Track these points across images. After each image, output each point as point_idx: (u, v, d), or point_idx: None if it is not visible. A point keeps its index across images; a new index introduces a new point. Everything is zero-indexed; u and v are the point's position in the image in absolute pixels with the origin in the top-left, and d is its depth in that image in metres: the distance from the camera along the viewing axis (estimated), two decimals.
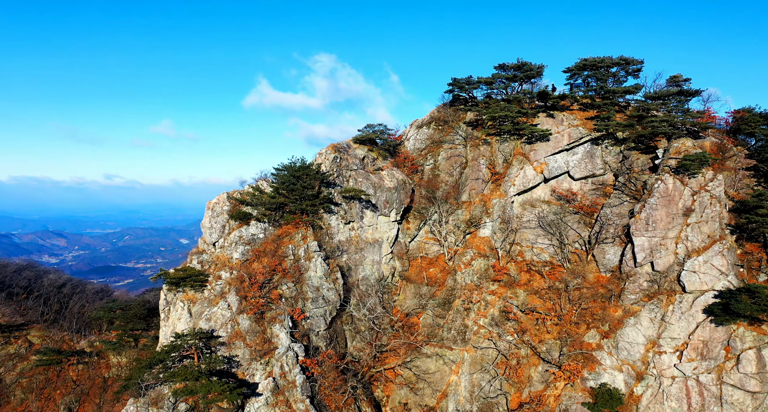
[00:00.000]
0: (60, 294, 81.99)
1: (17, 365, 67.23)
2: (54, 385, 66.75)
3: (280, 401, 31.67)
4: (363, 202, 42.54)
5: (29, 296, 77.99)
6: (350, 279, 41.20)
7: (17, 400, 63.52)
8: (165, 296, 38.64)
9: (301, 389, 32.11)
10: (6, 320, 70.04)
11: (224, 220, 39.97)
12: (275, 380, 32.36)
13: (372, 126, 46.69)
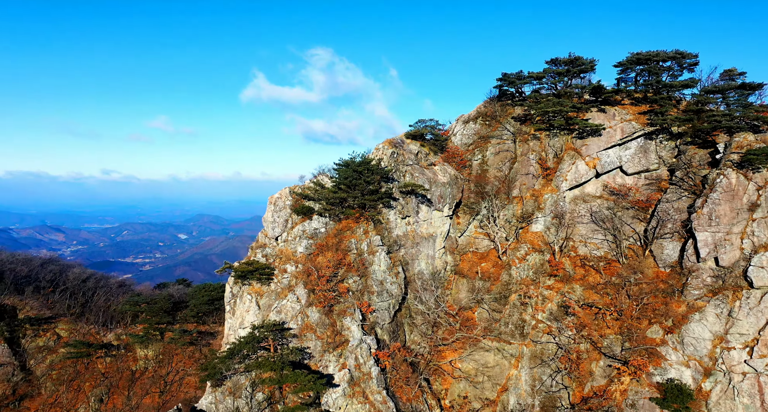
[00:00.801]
0: (84, 288, 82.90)
1: (47, 357, 68.40)
2: (83, 377, 67.98)
3: (356, 392, 32.45)
4: (419, 197, 43.19)
5: (55, 290, 78.88)
6: (408, 273, 41.94)
7: (48, 391, 64.66)
8: (231, 289, 39.42)
9: (376, 380, 32.89)
10: (35, 313, 71.18)
11: (287, 214, 40.60)
12: (350, 371, 33.09)
13: (423, 121, 47.34)
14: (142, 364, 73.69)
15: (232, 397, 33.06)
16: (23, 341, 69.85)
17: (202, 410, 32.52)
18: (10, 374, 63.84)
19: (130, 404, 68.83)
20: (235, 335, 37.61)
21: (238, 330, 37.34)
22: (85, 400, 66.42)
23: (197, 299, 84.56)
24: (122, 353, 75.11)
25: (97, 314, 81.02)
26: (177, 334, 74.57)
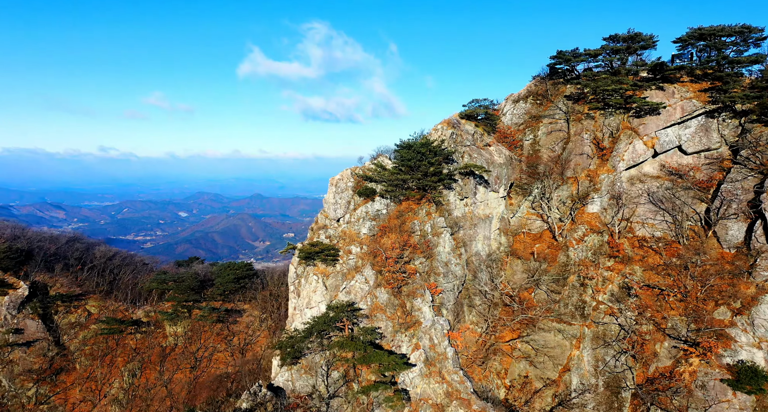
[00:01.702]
0: (111, 265, 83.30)
1: (78, 333, 69.34)
2: (115, 352, 69.00)
3: (432, 372, 32.72)
4: (476, 177, 42.80)
5: (83, 267, 79.19)
6: (466, 254, 41.79)
7: (82, 366, 65.71)
8: (295, 270, 39.39)
9: (452, 361, 33.15)
10: (65, 290, 71.90)
11: (348, 196, 40.27)
12: (425, 352, 33.25)
13: (478, 101, 46.53)
14: (171, 340, 74.92)
15: (309, 374, 33.30)
16: (56, 317, 70.51)
17: (279, 387, 32.75)
18: (46, 349, 64.79)
19: (163, 379, 70.22)
20: (301, 315, 37.72)
21: (305, 310, 37.45)
22: (118, 375, 67.70)
23: (223, 278, 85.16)
24: (152, 330, 76.12)
25: (125, 291, 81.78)
26: (206, 311, 75.56)
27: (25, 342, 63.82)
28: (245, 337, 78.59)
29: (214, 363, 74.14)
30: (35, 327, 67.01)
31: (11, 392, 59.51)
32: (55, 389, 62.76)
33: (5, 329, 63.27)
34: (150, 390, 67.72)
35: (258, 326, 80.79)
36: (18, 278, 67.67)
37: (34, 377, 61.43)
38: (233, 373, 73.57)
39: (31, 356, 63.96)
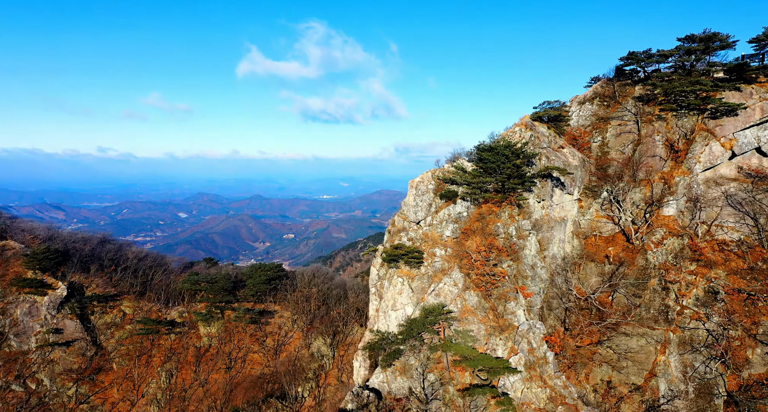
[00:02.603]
0: (144, 266, 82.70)
1: (114, 333, 68.79)
2: (150, 352, 68.46)
3: (533, 376, 31.99)
4: (553, 180, 42.23)
5: (117, 268, 78.50)
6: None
7: (119, 366, 65.06)
8: (377, 272, 38.53)
9: (552, 365, 32.33)
10: (101, 291, 71.51)
11: (429, 198, 39.62)
12: (524, 355, 32.44)
13: (550, 103, 45.89)
14: (206, 341, 74.51)
15: (404, 376, 32.45)
16: (92, 317, 69.91)
17: (374, 389, 31.86)
18: (85, 348, 64.23)
19: (199, 379, 69.53)
20: (385, 317, 36.93)
21: (389, 312, 36.68)
22: (155, 375, 67.17)
23: (255, 279, 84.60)
24: (186, 330, 75.55)
25: (158, 292, 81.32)
26: (240, 312, 75.24)
27: (64, 342, 63.22)
28: (279, 338, 77.94)
29: (248, 364, 73.72)
30: (73, 327, 66.38)
31: (53, 391, 58.90)
32: (94, 388, 62.27)
33: (46, 329, 62.56)
34: (187, 390, 67.08)
35: (290, 327, 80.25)
36: (56, 279, 66.93)
37: (73, 376, 60.91)
38: (269, 374, 72.91)
39: (71, 355, 63.35)
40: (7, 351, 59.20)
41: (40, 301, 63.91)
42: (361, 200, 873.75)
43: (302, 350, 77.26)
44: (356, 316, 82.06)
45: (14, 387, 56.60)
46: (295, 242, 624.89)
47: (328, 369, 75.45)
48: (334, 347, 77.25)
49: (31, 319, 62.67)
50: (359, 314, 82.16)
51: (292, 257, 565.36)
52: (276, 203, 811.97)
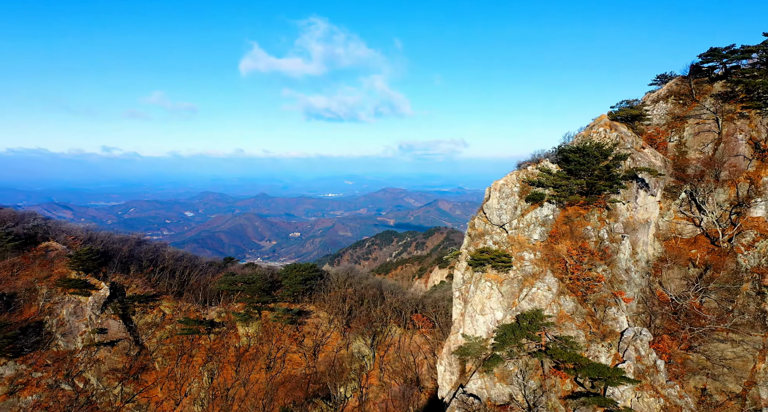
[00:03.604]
0: (180, 266, 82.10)
1: (155, 333, 68.24)
2: (190, 352, 67.94)
3: (645, 385, 30.61)
4: (638, 181, 40.84)
5: (155, 269, 77.79)
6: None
7: (161, 365, 64.57)
8: (462, 276, 37.11)
9: (664, 374, 30.89)
10: (141, 291, 71.05)
11: (515, 201, 38.20)
12: (633, 363, 30.97)
13: (629, 102, 44.39)
14: (245, 341, 74.08)
15: (502, 383, 31.01)
16: (134, 317, 69.32)
17: (473, 395, 30.43)
18: (128, 348, 63.66)
19: (240, 379, 68.81)
20: (472, 321, 35.61)
21: (476, 316, 35.36)
22: (197, 374, 66.61)
23: (291, 279, 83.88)
24: (224, 330, 74.97)
25: (196, 292, 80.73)
26: (280, 312, 74.75)
27: (109, 342, 62.75)
28: (317, 338, 77.16)
29: (287, 364, 73.02)
30: (117, 327, 65.77)
31: (99, 390, 58.38)
32: (138, 387, 61.80)
33: (91, 329, 61.79)
34: (229, 390, 66.47)
35: (328, 327, 79.45)
36: (98, 279, 66.33)
37: (119, 375, 60.58)
38: (309, 374, 72.22)
39: (116, 355, 62.77)
40: (55, 351, 58.42)
41: (84, 301, 63.15)
42: (366, 198, 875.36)
43: (341, 350, 76.41)
44: (393, 316, 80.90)
45: (64, 386, 55.87)
46: (301, 240, 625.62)
47: (369, 370, 74.38)
48: (374, 348, 76.14)
49: (77, 319, 61.82)
50: (396, 315, 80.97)
51: (298, 255, 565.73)
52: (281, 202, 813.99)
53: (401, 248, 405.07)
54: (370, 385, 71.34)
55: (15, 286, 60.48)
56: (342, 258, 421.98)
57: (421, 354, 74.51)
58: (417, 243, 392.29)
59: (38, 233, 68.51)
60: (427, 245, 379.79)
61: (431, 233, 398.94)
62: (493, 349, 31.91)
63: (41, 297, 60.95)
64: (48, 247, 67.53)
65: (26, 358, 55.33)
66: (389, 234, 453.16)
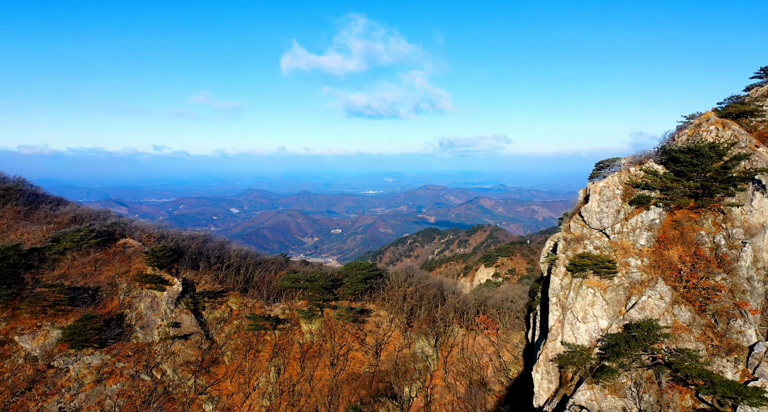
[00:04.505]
0: (245, 263, 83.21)
1: (224, 328, 69.23)
2: (257, 347, 68.58)
3: None
4: (755, 182, 37.35)
5: (222, 266, 79.12)
6: None
7: (229, 359, 65.46)
8: (560, 281, 35.12)
9: None
10: (210, 287, 72.05)
11: (617, 204, 35.84)
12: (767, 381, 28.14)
13: (739, 97, 40.89)
14: (308, 337, 74.31)
15: (615, 395, 28.93)
16: (204, 312, 70.65)
17: (582, 406, 28.51)
18: (200, 342, 64.70)
19: (305, 375, 68.98)
20: (572, 329, 33.65)
21: (577, 324, 33.40)
22: (263, 369, 67.23)
23: (352, 278, 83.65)
24: (288, 327, 75.45)
25: (260, 288, 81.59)
26: (343, 310, 74.79)
27: (182, 335, 64.23)
28: (378, 337, 76.63)
29: (350, 361, 72.93)
30: (189, 321, 67.22)
31: (175, 381, 59.70)
32: (210, 380, 62.73)
33: (166, 322, 63.24)
34: (294, 385, 66.89)
35: (388, 326, 78.78)
36: (171, 275, 68.06)
37: (192, 368, 61.87)
38: (372, 373, 71.88)
39: (189, 348, 64.19)
40: (135, 342, 60.22)
41: (159, 296, 64.88)
42: (407, 196, 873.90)
43: (404, 350, 75.64)
44: (456, 316, 79.35)
45: (143, 376, 57.52)
46: (343, 236, 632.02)
47: (433, 370, 73.29)
48: (437, 348, 74.96)
49: (153, 313, 63.55)
50: (459, 315, 79.34)
51: (340, 251, 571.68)
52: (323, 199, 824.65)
53: (443, 246, 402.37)
54: (434, 385, 70.32)
55: (98, 280, 62.80)
56: (383, 255, 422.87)
57: (486, 356, 72.72)
58: (459, 241, 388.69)
59: (116, 231, 70.93)
60: (469, 243, 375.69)
61: (474, 231, 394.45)
62: (601, 359, 29.92)
63: (121, 291, 63.05)
64: (125, 244, 69.86)
65: (110, 349, 57.27)
66: (431, 231, 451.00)
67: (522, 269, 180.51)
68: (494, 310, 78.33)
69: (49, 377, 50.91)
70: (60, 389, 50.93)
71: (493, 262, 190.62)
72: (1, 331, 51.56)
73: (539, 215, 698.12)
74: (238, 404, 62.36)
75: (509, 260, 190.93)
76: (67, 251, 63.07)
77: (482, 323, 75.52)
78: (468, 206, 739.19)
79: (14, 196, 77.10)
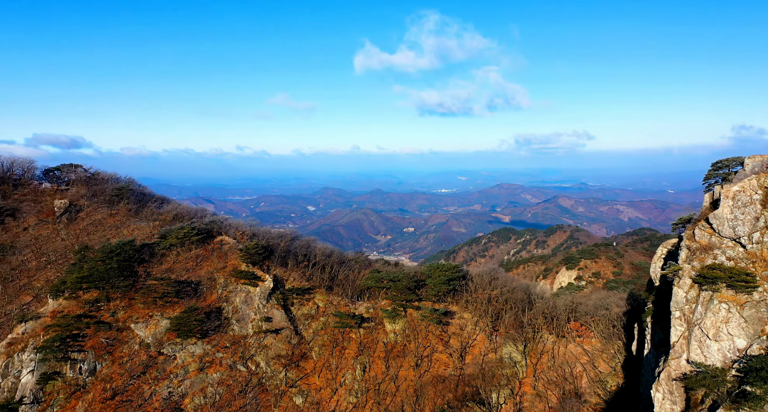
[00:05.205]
0: (330, 262, 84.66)
1: (311, 324, 70.47)
2: (342, 344, 69.10)
3: None
4: None
5: (308, 264, 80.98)
6: None
7: (316, 355, 66.45)
8: (684, 294, 31.68)
9: None
10: (298, 284, 73.70)
11: (755, 211, 31.87)
12: None
13: None
14: (392, 337, 74.05)
15: None
16: (292, 308, 72.47)
17: None
18: (289, 337, 66.42)
19: (390, 374, 68.66)
20: (700, 346, 30.14)
21: (707, 341, 29.77)
22: (349, 366, 67.81)
23: (434, 279, 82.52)
24: (373, 326, 75.70)
25: (344, 287, 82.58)
26: (427, 312, 74.07)
27: (274, 329, 66.40)
28: (462, 339, 74.93)
29: (434, 363, 71.90)
30: (279, 316, 69.63)
31: (268, 373, 61.90)
32: (299, 374, 64.54)
33: (259, 317, 65.74)
34: (380, 384, 67.05)
35: (473, 329, 76.77)
36: (263, 272, 70.89)
37: (283, 361, 63.85)
38: (458, 376, 70.44)
39: (279, 342, 66.44)
40: (231, 334, 63.36)
41: (253, 291, 67.76)
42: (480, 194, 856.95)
43: (489, 354, 73.43)
44: (545, 322, 75.70)
45: (240, 367, 60.23)
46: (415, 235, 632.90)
47: (522, 377, 70.43)
48: (525, 354, 71.99)
49: (247, 307, 66.50)
50: (548, 321, 75.57)
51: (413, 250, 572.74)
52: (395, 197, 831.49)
53: (520, 246, 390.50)
54: (524, 393, 67.61)
55: (199, 275, 66.95)
56: (457, 255, 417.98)
57: (579, 365, 68.62)
58: (537, 241, 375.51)
59: (213, 228, 75.27)
60: (548, 244, 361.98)
61: (553, 231, 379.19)
62: (741, 383, 26.49)
63: (219, 286, 66.74)
64: (222, 241, 73.93)
65: (210, 339, 60.76)
66: (506, 231, 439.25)
67: (608, 273, 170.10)
68: (588, 317, 73.73)
69: (159, 363, 54.99)
70: (169, 374, 54.82)
71: (576, 264, 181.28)
72: (120, 318, 56.46)
73: (624, 215, 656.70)
74: (326, 399, 63.73)
75: (593, 262, 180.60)
76: (173, 247, 67.92)
77: (574, 330, 71.32)
78: (545, 205, 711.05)
79: (126, 195, 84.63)
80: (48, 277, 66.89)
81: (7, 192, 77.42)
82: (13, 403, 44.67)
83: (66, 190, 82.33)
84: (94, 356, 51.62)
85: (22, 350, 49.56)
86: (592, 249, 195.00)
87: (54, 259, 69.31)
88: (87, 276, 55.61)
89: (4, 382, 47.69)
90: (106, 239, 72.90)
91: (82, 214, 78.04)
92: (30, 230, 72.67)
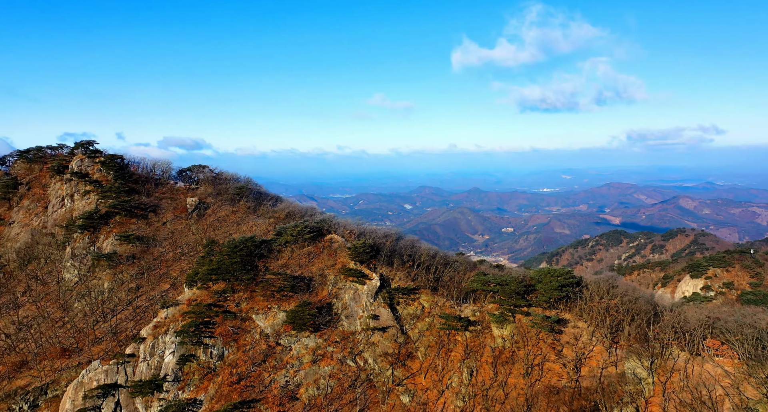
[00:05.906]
0: (435, 263, 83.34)
1: (416, 324, 69.40)
2: (448, 346, 67.13)
3: None
4: None
5: (414, 264, 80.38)
6: None
7: (423, 355, 65.22)
8: None
9: None
10: (403, 284, 73.05)
11: None
12: None
13: None
14: (500, 342, 70.87)
15: None
16: (398, 308, 72.24)
17: None
18: (396, 335, 66.08)
19: (498, 381, 65.88)
20: None
21: None
22: (456, 369, 66.09)
23: (545, 284, 77.93)
24: (480, 329, 73.23)
25: (449, 288, 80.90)
26: (538, 318, 70.12)
27: (381, 327, 66.66)
28: (577, 350, 69.26)
29: (546, 373, 67.27)
30: (386, 315, 69.90)
31: (375, 370, 62.39)
32: (405, 373, 64.21)
33: (367, 314, 66.63)
34: (488, 390, 64.38)
35: (589, 340, 70.63)
36: (370, 270, 71.73)
37: (389, 359, 63.96)
38: (572, 388, 65.25)
39: (386, 340, 66.69)
40: (341, 330, 65.16)
41: (360, 289, 69.02)
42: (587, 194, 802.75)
43: (609, 368, 67.39)
44: (675, 337, 67.92)
45: (349, 362, 61.55)
46: (514, 235, 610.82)
47: (648, 396, 63.71)
48: (653, 371, 65.08)
49: (356, 304, 67.85)
50: (678, 337, 67.75)
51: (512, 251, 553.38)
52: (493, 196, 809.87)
53: (632, 251, 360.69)
54: None
55: (311, 271, 69.96)
56: (561, 257, 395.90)
57: (719, 388, 60.42)
58: (653, 246, 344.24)
59: (323, 227, 78.22)
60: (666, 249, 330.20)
61: (672, 235, 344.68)
62: None
63: (330, 283, 69.13)
64: (331, 239, 76.60)
65: (322, 333, 63.11)
66: (617, 234, 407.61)
67: (743, 284, 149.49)
68: (729, 335, 64.75)
69: (277, 353, 58.35)
70: (285, 364, 57.94)
71: (702, 272, 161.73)
72: (244, 309, 60.91)
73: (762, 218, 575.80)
74: (432, 400, 63.07)
75: (724, 271, 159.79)
76: (288, 244, 71.81)
77: (713, 348, 62.97)
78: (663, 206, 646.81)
79: (245, 193, 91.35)
80: (182, 267, 74.41)
81: (150, 191, 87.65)
82: (159, 380, 50.18)
83: (196, 189, 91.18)
84: (222, 342, 56.21)
85: (165, 333, 55.53)
86: (722, 256, 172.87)
87: (187, 251, 76.94)
88: (216, 269, 60.81)
89: (151, 360, 53.86)
90: (229, 234, 79.32)
91: (208, 211, 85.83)
92: (167, 225, 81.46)
